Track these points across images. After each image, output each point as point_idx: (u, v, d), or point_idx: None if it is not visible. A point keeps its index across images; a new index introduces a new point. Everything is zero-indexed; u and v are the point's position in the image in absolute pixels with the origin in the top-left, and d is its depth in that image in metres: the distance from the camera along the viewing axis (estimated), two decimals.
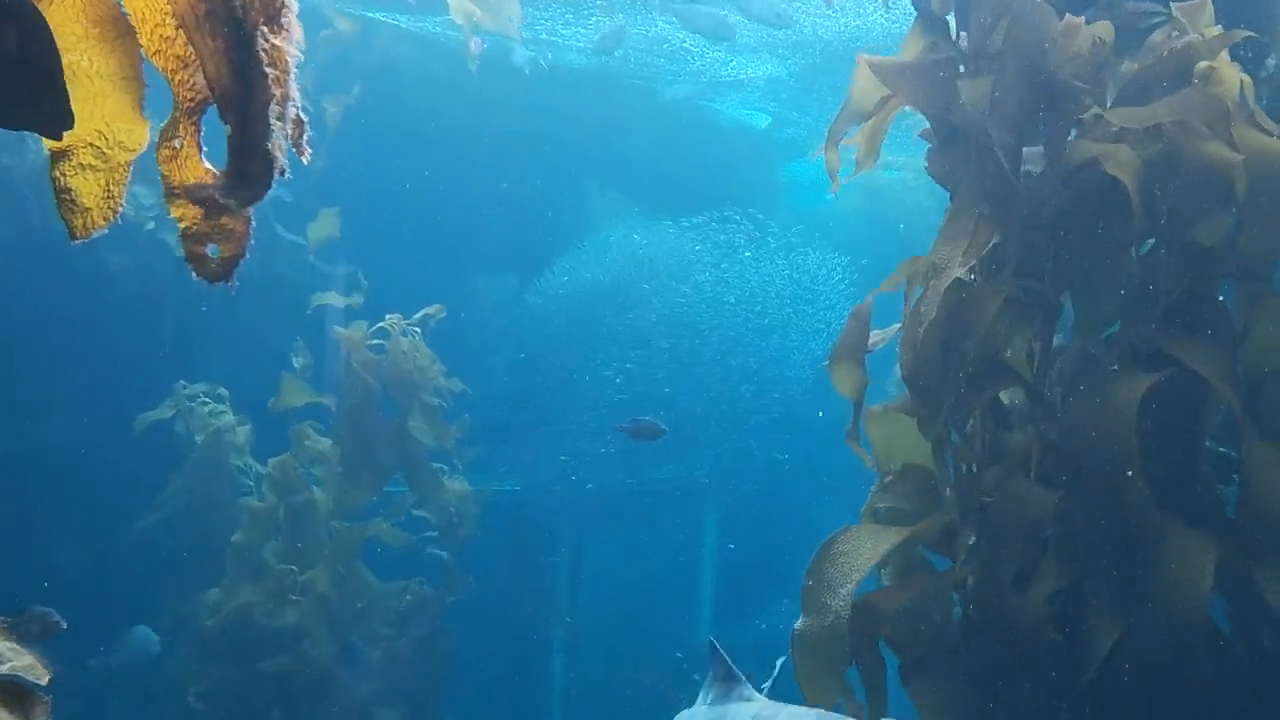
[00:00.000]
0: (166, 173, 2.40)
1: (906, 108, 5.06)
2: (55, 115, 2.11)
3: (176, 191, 2.44)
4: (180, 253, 2.40)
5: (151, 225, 10.06)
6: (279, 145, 2.39)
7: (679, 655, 12.76)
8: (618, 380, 14.20)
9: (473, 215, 13.33)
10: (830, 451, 5.49)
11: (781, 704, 4.06)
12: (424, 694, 10.03)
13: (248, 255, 2.47)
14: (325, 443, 9.78)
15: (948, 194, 4.88)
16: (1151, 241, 4.44)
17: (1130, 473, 4.02)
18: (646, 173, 14.30)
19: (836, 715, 3.81)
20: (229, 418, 10.01)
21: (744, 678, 4.27)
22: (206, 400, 10.04)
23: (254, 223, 2.49)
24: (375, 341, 9.86)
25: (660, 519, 14.36)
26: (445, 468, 10.23)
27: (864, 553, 4.39)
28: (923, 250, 4.76)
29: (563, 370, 14.32)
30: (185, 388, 10.03)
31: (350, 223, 11.25)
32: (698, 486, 14.86)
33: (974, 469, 4.58)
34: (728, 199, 14.61)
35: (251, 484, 9.94)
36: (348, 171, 11.28)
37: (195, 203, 2.44)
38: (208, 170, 2.43)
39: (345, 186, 11.22)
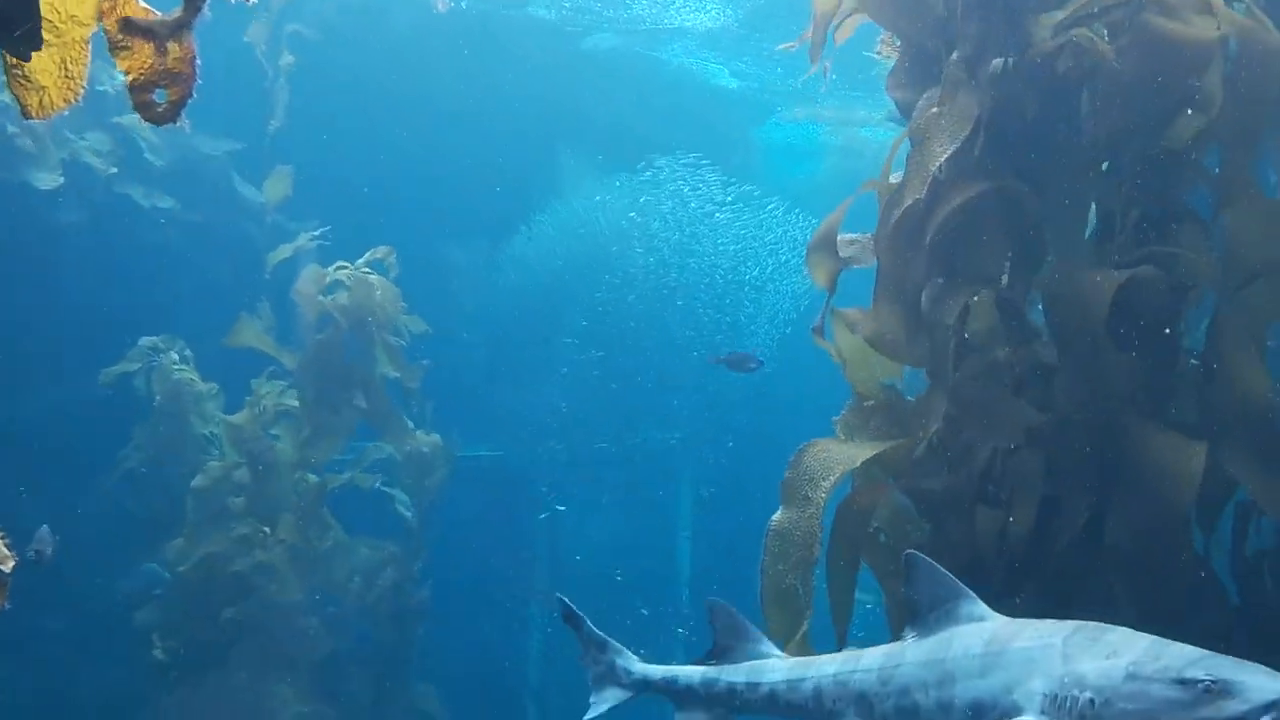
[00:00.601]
0: (109, 27, 2.34)
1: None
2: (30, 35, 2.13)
3: (120, 42, 2.37)
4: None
5: (113, 170, 9.90)
6: None
7: (644, 612, 12.73)
8: (588, 345, 14.10)
9: (445, 178, 13.21)
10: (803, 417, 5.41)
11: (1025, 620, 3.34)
12: (395, 649, 9.92)
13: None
14: (289, 393, 9.62)
15: None
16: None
17: (1108, 371, 3.95)
18: (616, 131, 14.19)
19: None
20: (191, 372, 9.83)
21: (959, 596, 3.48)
22: (171, 354, 9.86)
23: (199, 66, 2.42)
24: (338, 279, 9.70)
25: (636, 482, 14.26)
26: (413, 424, 10.11)
27: (843, 455, 4.37)
28: None
29: (536, 334, 14.21)
30: (151, 341, 9.85)
31: (316, 183, 11.12)
32: (673, 450, 14.78)
33: (951, 369, 4.48)
34: (704, 158, 14.50)
35: (216, 440, 9.77)
36: (310, 133, 11.17)
37: (139, 35, 2.36)
38: (146, 9, 2.37)
39: (307, 146, 11.11)
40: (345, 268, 9.72)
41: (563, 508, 14.16)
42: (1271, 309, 4.13)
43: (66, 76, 2.31)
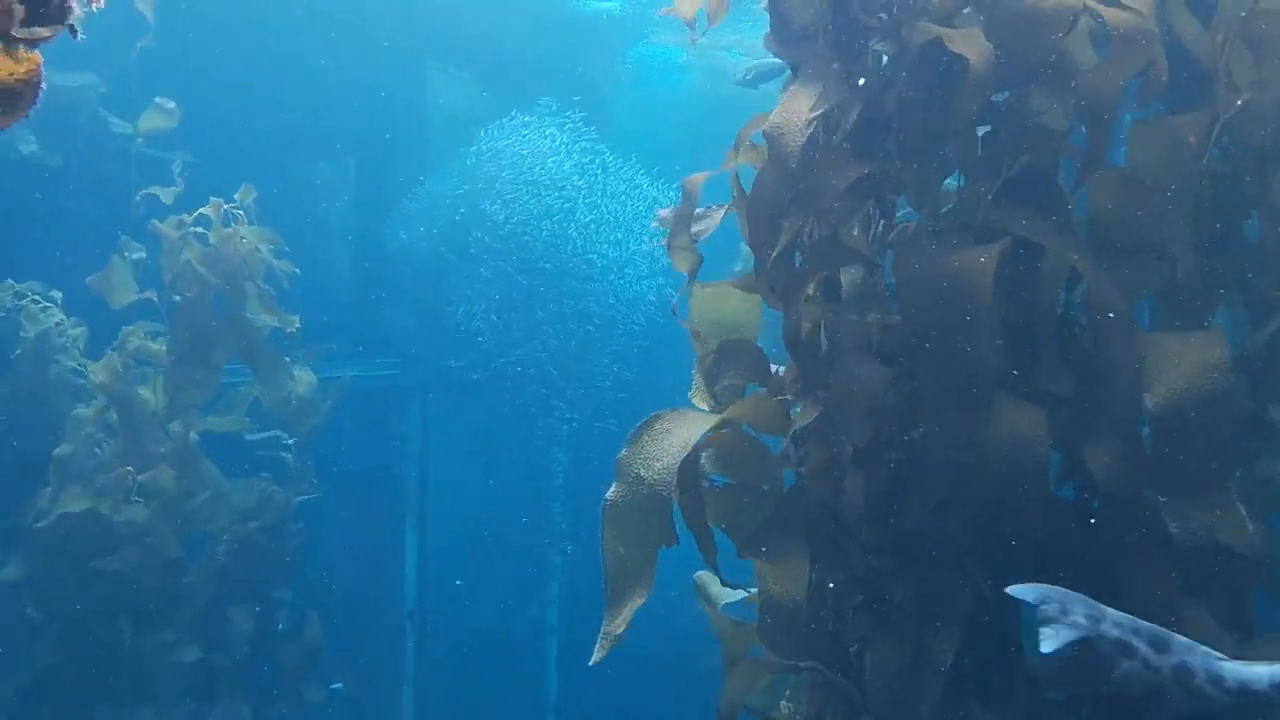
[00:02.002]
0: None
1: None
2: None
3: None
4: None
5: None
6: None
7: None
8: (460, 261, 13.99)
9: (306, 98, 12.91)
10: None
11: None
12: (272, 589, 9.92)
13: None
14: (160, 339, 9.43)
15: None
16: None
17: (976, 341, 4.08)
18: (489, 57, 14.01)
19: None
20: (58, 316, 9.57)
21: None
22: (36, 299, 9.57)
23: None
24: (197, 229, 9.50)
25: (509, 404, 14.31)
26: (289, 358, 10.00)
27: (686, 430, 4.39)
28: None
29: (406, 255, 14.08)
30: (12, 286, 9.55)
31: (181, 109, 10.78)
32: (544, 373, 14.82)
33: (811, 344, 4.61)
34: (572, 84, 14.38)
35: (84, 386, 9.56)
36: (172, 59, 10.81)
37: None
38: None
39: (170, 75, 10.75)
40: (210, 209, 9.48)
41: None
42: (1134, 280, 4.31)
43: None
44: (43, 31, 2.27)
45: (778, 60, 4.98)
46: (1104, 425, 4.10)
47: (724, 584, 4.73)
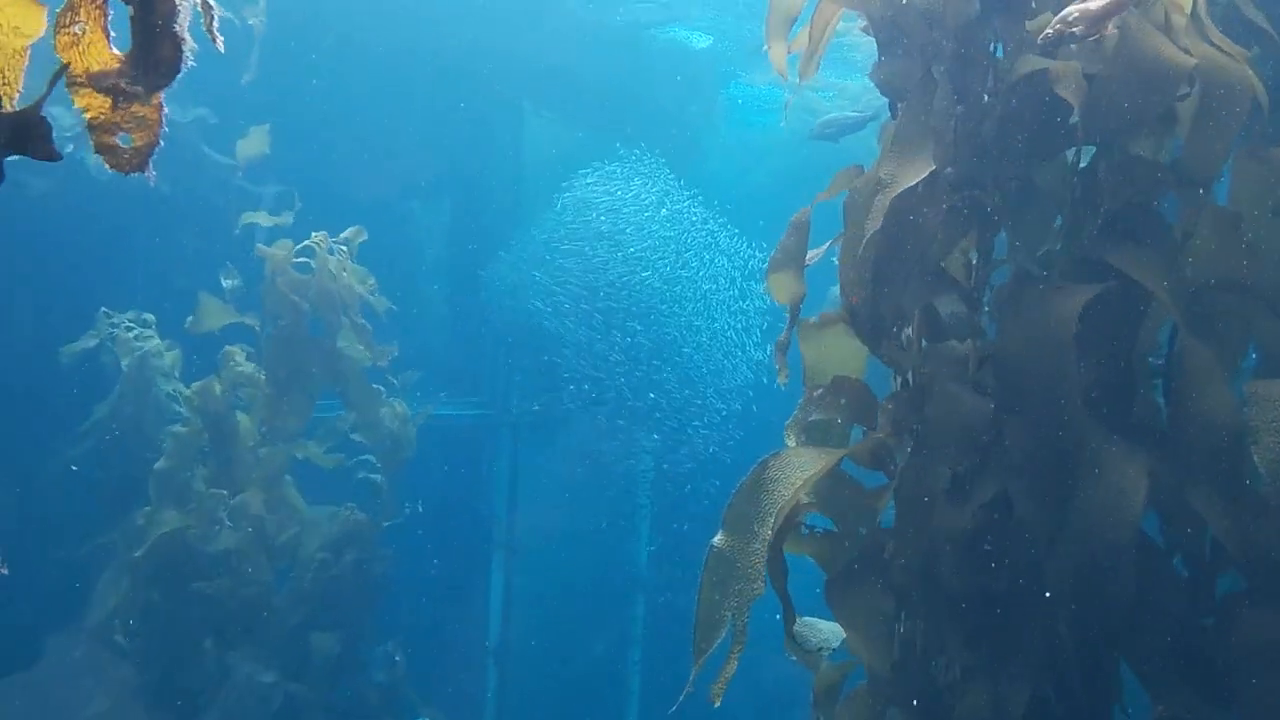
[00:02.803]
0: (68, 60, 2.28)
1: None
2: None
3: (80, 80, 2.32)
4: (100, 169, 2.31)
5: (70, 148, 9.73)
6: (186, 26, 2.29)
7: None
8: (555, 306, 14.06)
9: (406, 138, 13.11)
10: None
11: None
12: (358, 619, 9.97)
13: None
14: (251, 366, 9.58)
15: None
16: (1092, 154, 4.40)
17: (1066, 387, 3.99)
18: (583, 98, 14.13)
19: None
20: (155, 343, 9.77)
21: None
22: (132, 326, 9.79)
23: (166, 114, 2.39)
24: (301, 260, 9.66)
25: (597, 445, 14.31)
26: (383, 389, 10.11)
27: (794, 477, 4.28)
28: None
29: (499, 295, 14.18)
30: (110, 315, 9.77)
31: (280, 143, 11.00)
32: (633, 415, 14.82)
33: (910, 380, 4.54)
34: (666, 125, 14.45)
35: (180, 411, 9.73)
36: (277, 91, 11.04)
37: (101, 91, 2.32)
38: (114, 55, 2.31)
39: (274, 106, 10.98)
40: (313, 241, 9.66)
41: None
42: (1236, 324, 4.20)
43: (4, 83, 2.20)
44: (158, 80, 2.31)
45: (857, 114, 4.96)
46: (1204, 475, 3.95)
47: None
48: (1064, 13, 4.12)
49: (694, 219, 13.83)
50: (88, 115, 2.33)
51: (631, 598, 14.72)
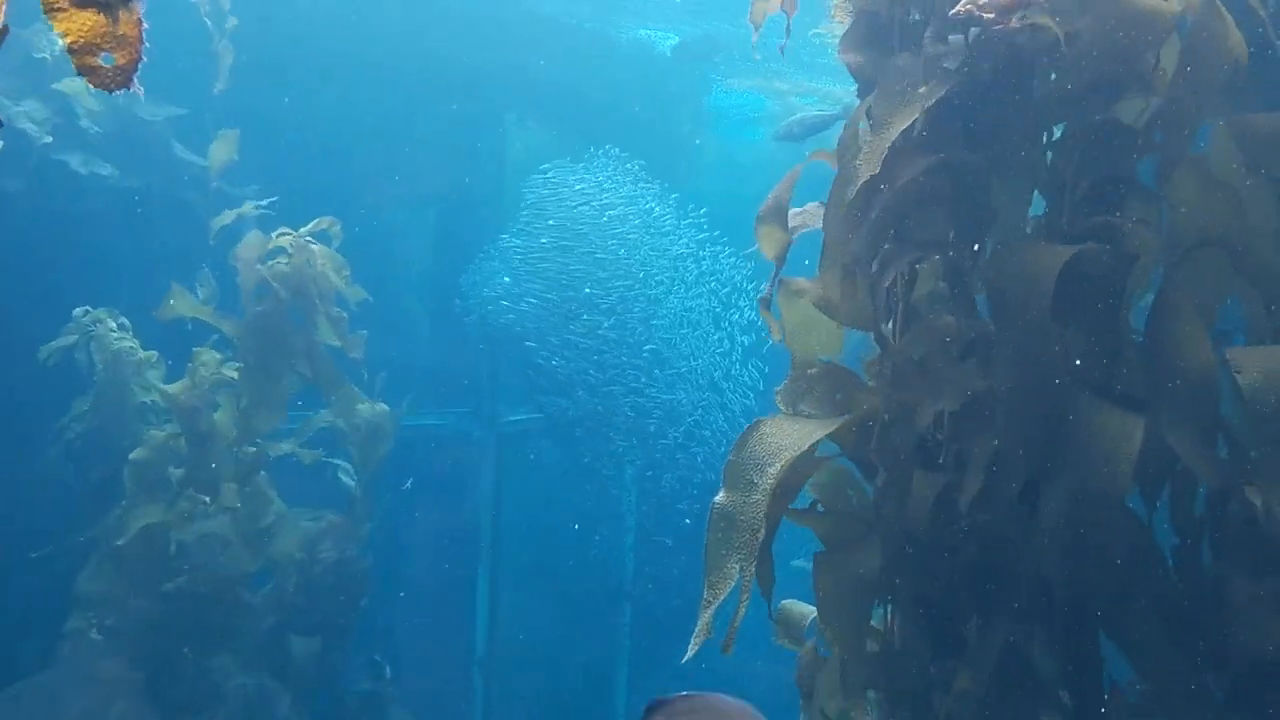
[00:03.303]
0: None
1: None
2: None
3: (58, 4, 2.27)
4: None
5: (48, 139, 9.68)
6: None
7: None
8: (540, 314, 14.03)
9: (389, 148, 13.10)
10: None
11: None
12: (339, 622, 9.87)
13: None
14: (230, 364, 9.50)
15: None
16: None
17: (1052, 342, 3.95)
18: (565, 107, 14.13)
19: None
20: (131, 342, 9.69)
21: None
22: (109, 325, 9.70)
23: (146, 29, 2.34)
24: (279, 244, 9.61)
25: (582, 453, 14.26)
26: (362, 393, 10.03)
27: (792, 436, 4.26)
28: None
29: (481, 303, 14.13)
30: (87, 313, 9.69)
31: (262, 154, 10.95)
32: (618, 422, 14.75)
33: (896, 333, 4.48)
34: (646, 129, 14.43)
35: (156, 410, 9.66)
36: (254, 97, 11.01)
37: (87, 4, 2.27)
38: None
39: (253, 112, 10.95)
40: (287, 234, 9.62)
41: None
42: (1216, 281, 4.15)
43: None
44: None
45: (822, 113, 4.95)
46: (1188, 424, 3.90)
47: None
48: None
49: (674, 217, 13.80)
50: (67, 39, 2.27)
51: (618, 605, 14.64)
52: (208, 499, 9.19)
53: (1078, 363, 4.08)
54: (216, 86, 10.53)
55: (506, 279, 13.61)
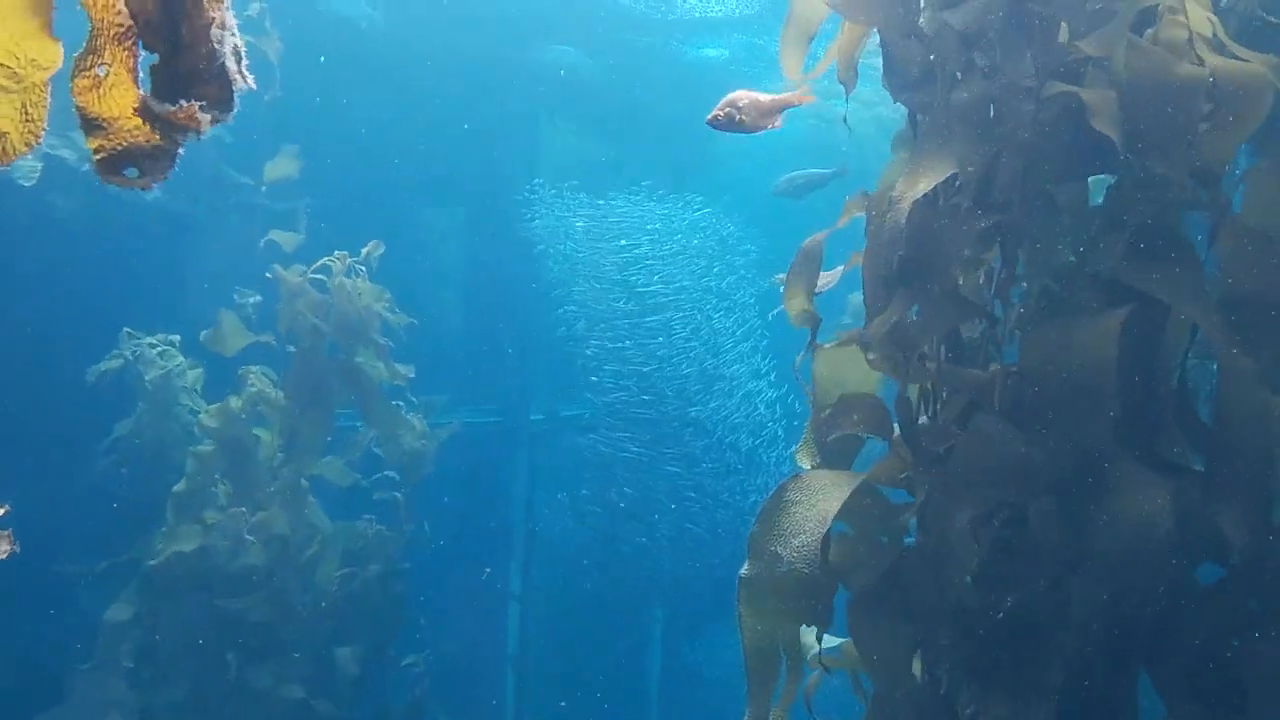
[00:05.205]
0: (84, 104, 2.25)
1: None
2: None
3: (98, 121, 2.31)
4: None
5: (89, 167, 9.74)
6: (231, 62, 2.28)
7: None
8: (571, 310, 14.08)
9: (424, 150, 13.15)
10: None
11: None
12: (380, 632, 9.98)
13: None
14: (271, 386, 9.60)
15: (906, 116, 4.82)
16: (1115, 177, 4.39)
17: (1099, 411, 3.95)
18: (597, 110, 14.14)
19: None
20: (179, 361, 9.79)
21: None
22: (154, 344, 9.82)
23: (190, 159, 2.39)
24: (317, 277, 9.68)
25: (616, 453, 14.28)
26: (402, 404, 10.13)
27: (820, 501, 4.26)
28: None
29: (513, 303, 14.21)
30: (133, 335, 9.80)
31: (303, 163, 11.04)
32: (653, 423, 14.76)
33: (935, 403, 4.52)
34: (679, 135, 14.43)
35: (200, 423, 9.75)
36: (292, 110, 11.07)
37: (147, 120, 2.31)
38: (140, 96, 2.30)
39: (291, 127, 11.02)
40: (330, 261, 9.67)
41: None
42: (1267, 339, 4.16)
43: (28, 120, 2.17)
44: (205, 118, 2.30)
45: (821, 171, 4.97)
46: (1236, 495, 3.92)
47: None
48: (732, 97, 4.17)
49: (706, 223, 13.81)
50: (98, 156, 2.30)
51: (650, 604, 14.70)
52: (252, 514, 9.28)
53: (1117, 423, 4.08)
54: (266, 97, 10.56)
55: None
